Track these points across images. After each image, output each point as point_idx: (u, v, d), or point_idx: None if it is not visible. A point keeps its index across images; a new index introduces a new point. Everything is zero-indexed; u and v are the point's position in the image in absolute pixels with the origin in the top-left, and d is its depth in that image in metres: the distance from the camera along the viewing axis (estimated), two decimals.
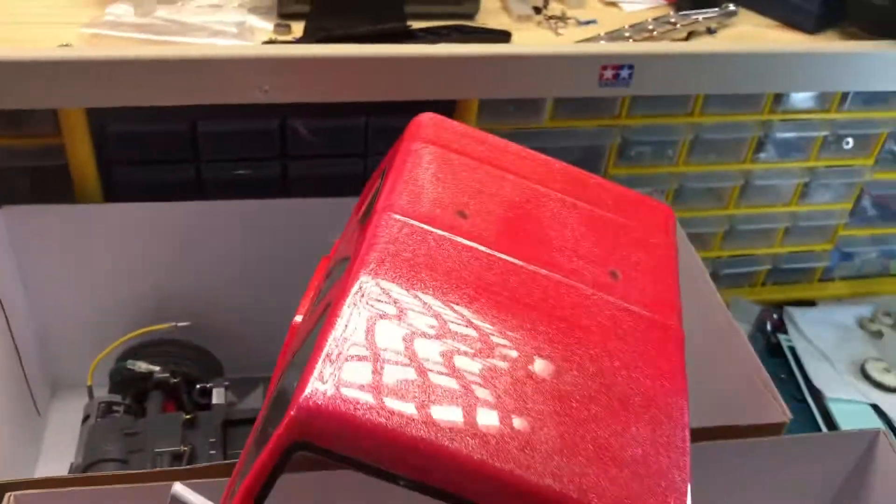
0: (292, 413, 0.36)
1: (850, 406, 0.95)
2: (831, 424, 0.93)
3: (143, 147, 0.80)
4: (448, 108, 0.82)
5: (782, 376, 0.99)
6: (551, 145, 0.89)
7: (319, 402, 0.36)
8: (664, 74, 0.75)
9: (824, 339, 1.03)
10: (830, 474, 0.64)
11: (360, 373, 0.38)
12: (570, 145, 0.89)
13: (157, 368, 0.75)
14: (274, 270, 0.82)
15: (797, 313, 1.06)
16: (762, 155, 0.95)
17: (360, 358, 0.38)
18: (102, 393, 0.78)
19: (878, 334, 1.05)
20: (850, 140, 0.98)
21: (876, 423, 0.93)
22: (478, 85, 0.73)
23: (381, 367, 0.38)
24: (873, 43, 0.80)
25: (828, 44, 0.81)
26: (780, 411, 0.63)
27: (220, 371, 0.84)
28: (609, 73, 0.73)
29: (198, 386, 0.77)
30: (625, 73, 0.73)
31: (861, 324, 1.06)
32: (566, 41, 0.76)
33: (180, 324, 0.80)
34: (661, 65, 0.74)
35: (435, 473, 0.37)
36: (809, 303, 1.10)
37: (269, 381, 0.92)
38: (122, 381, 0.77)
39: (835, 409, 0.94)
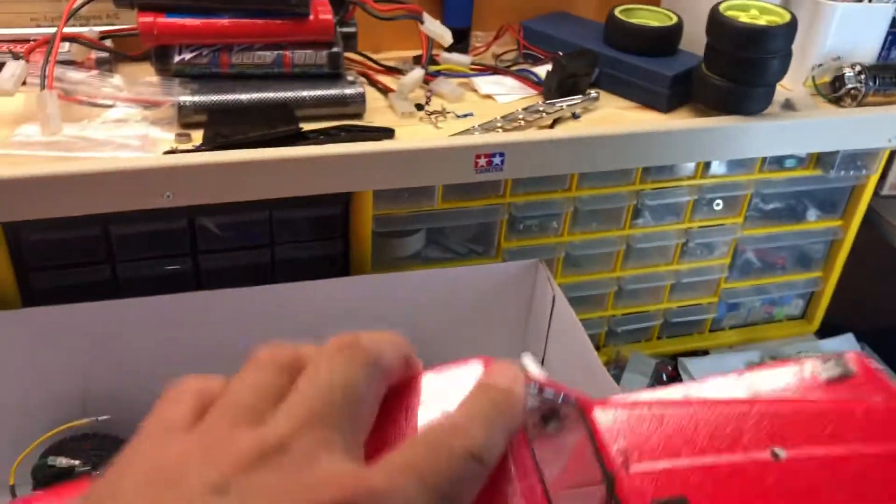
0: None
1: None
2: None
3: (57, 252, 0.85)
4: (345, 198, 0.90)
5: None
6: (446, 224, 0.97)
7: None
8: (533, 159, 0.84)
9: None
10: None
11: None
12: (464, 224, 0.97)
13: (77, 463, 0.79)
14: (190, 360, 0.87)
15: (689, 363, 1.14)
16: (640, 221, 1.05)
17: None
18: (28, 492, 0.81)
19: None
20: (720, 202, 1.08)
21: None
22: (366, 178, 0.81)
23: None
24: (717, 119, 0.91)
25: (678, 121, 0.91)
26: None
27: None
28: (483, 161, 0.81)
29: None
30: (497, 160, 0.82)
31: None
32: (444, 134, 0.85)
33: (101, 418, 0.84)
34: (529, 151, 0.83)
35: None
36: (703, 352, 1.19)
37: None
38: (45, 478, 0.80)
39: None
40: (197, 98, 0.82)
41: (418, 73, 0.90)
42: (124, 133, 0.77)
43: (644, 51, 0.95)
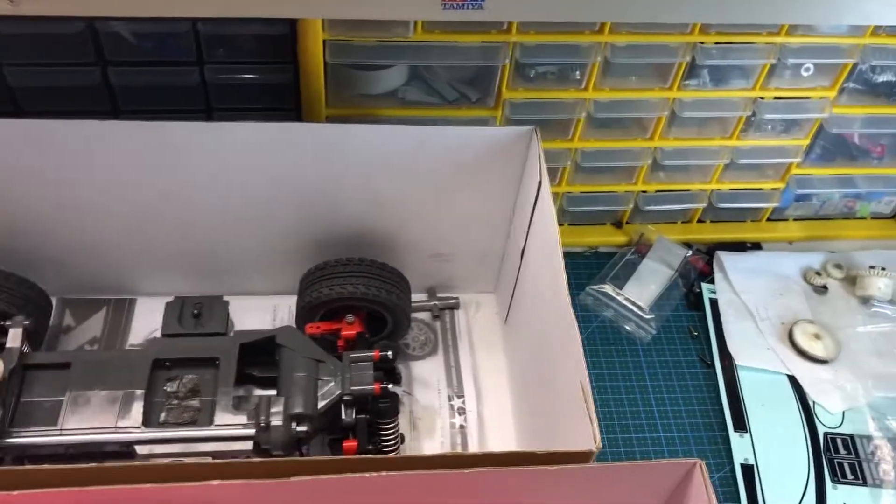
0: None
1: (762, 376, 0.84)
2: (735, 395, 0.83)
3: None
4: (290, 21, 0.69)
5: (696, 334, 0.88)
6: (424, 62, 0.75)
7: None
8: None
9: (755, 293, 0.91)
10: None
11: None
12: (451, 63, 0.75)
13: None
14: (100, 195, 0.73)
15: (729, 260, 0.93)
16: (693, 81, 0.80)
17: None
18: None
19: (822, 290, 0.92)
20: (811, 66, 0.81)
21: (787, 398, 0.83)
22: (306, 2, 0.59)
23: None
24: None
25: None
26: (592, 438, 0.53)
27: (41, 303, 0.76)
28: None
29: None
30: None
31: (805, 275, 0.93)
32: None
33: None
34: None
35: None
36: (755, 245, 0.97)
37: (112, 303, 0.84)
38: None
39: (744, 378, 0.84)
40: None
41: None
42: None
43: None
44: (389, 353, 0.70)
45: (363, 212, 0.77)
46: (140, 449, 0.66)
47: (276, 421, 0.66)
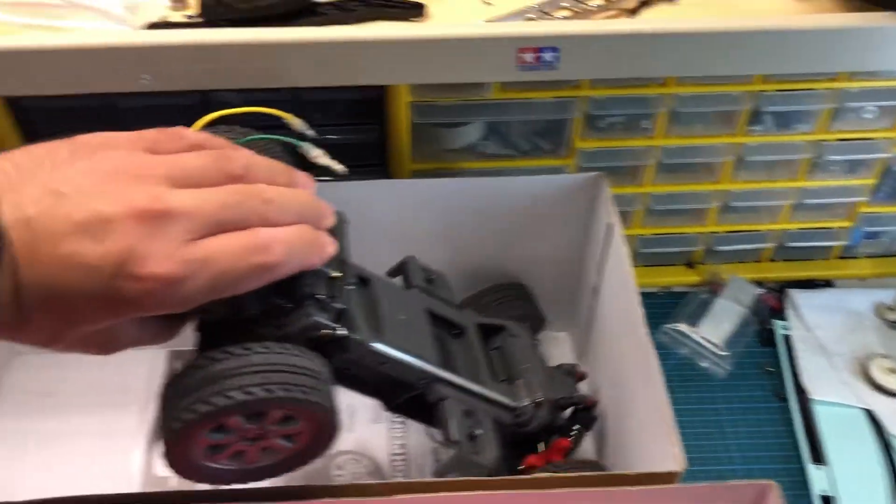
0: None
1: (838, 410, 0.86)
2: (811, 429, 0.84)
3: (66, 121, 0.78)
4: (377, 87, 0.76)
5: (770, 369, 0.90)
6: (502, 118, 0.81)
7: None
8: (599, 57, 0.65)
9: (827, 328, 0.92)
10: None
11: None
12: (529, 118, 0.81)
13: None
14: None
15: (800, 297, 0.95)
16: (758, 127, 0.84)
17: None
18: None
19: (895, 325, 0.94)
20: (873, 108, 0.84)
21: (864, 432, 0.84)
22: (381, 71, 0.66)
23: None
24: (873, 15, 0.67)
25: (816, 16, 0.68)
26: (674, 460, 0.57)
27: None
28: (529, 57, 0.65)
29: None
30: (548, 55, 0.65)
31: (878, 311, 0.95)
32: (495, 12, 0.68)
33: None
34: (593, 46, 0.64)
35: None
36: (826, 282, 0.99)
37: None
38: None
39: (819, 412, 0.86)
40: None
41: None
42: None
43: None
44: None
45: (443, 258, 0.83)
46: (442, 389, 0.60)
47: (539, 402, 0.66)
